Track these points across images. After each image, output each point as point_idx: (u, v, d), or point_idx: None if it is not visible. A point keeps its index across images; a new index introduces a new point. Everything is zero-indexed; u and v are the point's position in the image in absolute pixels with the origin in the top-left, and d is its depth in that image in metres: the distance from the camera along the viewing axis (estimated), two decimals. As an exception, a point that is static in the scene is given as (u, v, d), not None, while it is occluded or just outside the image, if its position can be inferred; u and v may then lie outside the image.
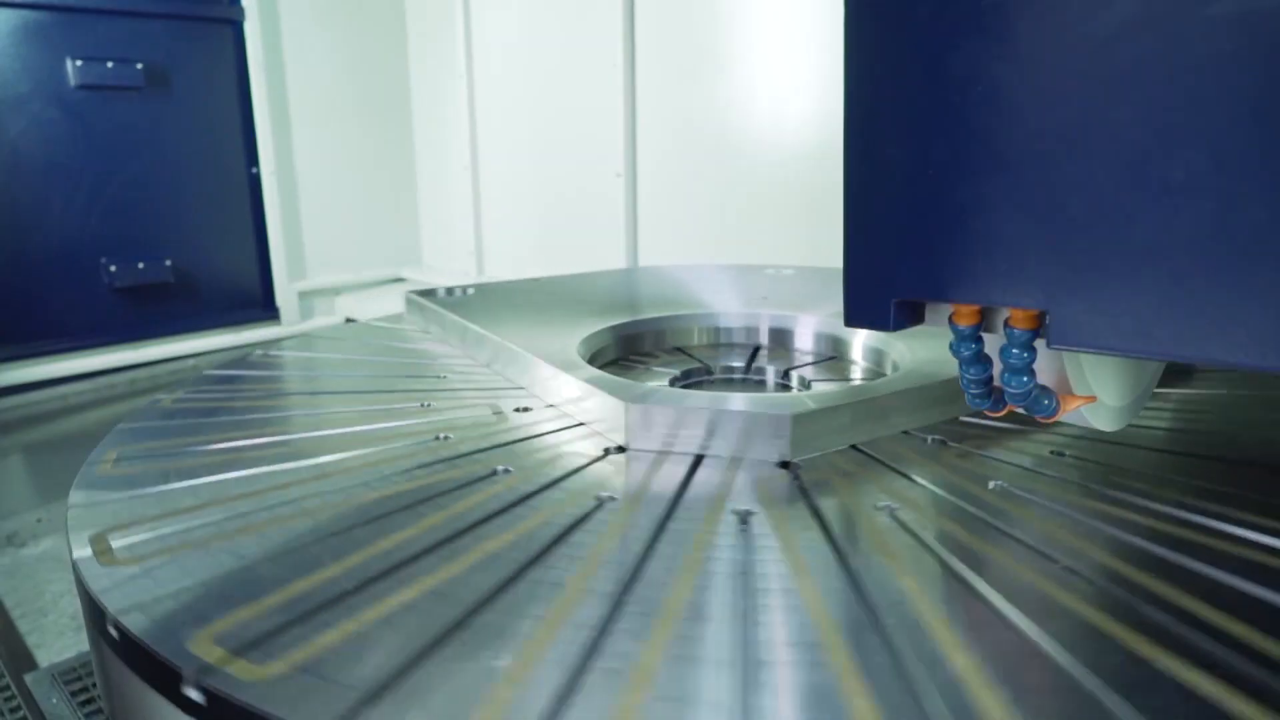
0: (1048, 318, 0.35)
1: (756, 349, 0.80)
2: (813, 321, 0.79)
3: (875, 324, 0.40)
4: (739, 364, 0.74)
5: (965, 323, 0.40)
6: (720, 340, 0.82)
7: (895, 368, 0.68)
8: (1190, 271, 0.31)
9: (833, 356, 0.77)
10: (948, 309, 0.40)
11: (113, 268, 2.19)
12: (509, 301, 0.88)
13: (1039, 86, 0.33)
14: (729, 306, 0.84)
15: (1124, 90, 0.31)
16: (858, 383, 0.69)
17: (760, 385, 0.72)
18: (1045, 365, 0.43)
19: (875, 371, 0.72)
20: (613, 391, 0.54)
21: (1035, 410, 0.42)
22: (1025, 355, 0.39)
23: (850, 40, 0.37)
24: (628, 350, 0.79)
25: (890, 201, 0.38)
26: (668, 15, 1.82)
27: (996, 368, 0.42)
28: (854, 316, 0.41)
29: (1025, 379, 0.40)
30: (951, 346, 0.41)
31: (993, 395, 0.43)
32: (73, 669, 0.77)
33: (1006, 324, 0.38)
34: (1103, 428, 0.47)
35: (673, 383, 0.70)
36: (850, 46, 0.37)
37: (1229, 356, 0.30)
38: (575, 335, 0.71)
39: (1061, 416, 0.43)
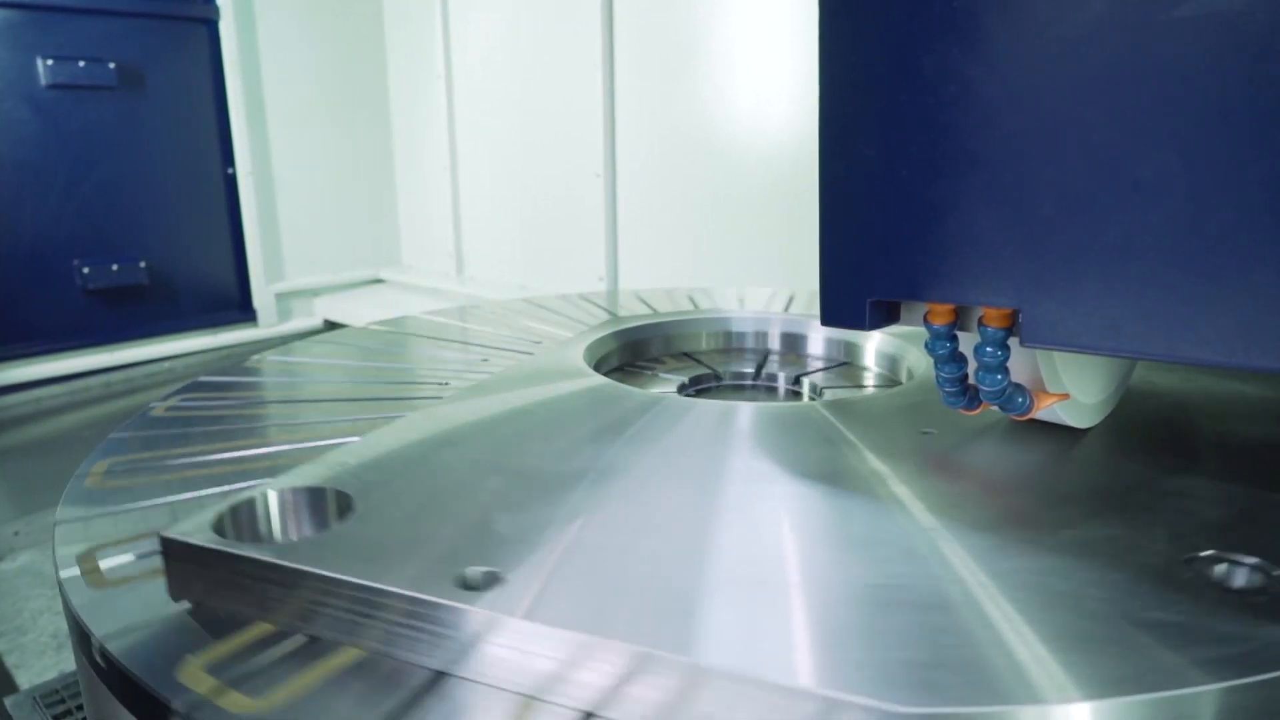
0: (1020, 316, 0.35)
1: (767, 354, 0.78)
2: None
3: (851, 323, 0.40)
4: (749, 369, 0.72)
5: (940, 322, 0.40)
6: (731, 345, 0.80)
7: (910, 375, 0.66)
8: (1159, 270, 0.31)
9: (845, 362, 0.75)
10: (923, 308, 0.40)
11: (86, 269, 2.16)
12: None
13: (1010, 87, 0.33)
14: (739, 310, 0.82)
15: (1094, 91, 0.31)
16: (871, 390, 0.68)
17: (771, 393, 0.71)
18: (1019, 363, 0.43)
19: (890, 378, 0.70)
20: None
21: (1009, 408, 0.42)
22: (999, 353, 0.39)
23: (824, 41, 0.37)
24: (635, 356, 0.76)
25: (865, 202, 0.38)
26: (647, 15, 1.82)
27: (972, 366, 0.42)
28: (830, 316, 0.41)
29: (999, 377, 0.40)
30: (926, 345, 0.42)
31: (968, 393, 0.43)
32: (55, 691, 0.76)
33: (980, 322, 0.38)
34: (1076, 425, 0.47)
35: (681, 390, 0.68)
36: (824, 47, 0.38)
37: (1198, 354, 0.31)
38: (581, 341, 0.70)
39: (1036, 414, 0.44)
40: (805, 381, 0.69)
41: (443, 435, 0.47)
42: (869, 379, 0.71)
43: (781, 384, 0.71)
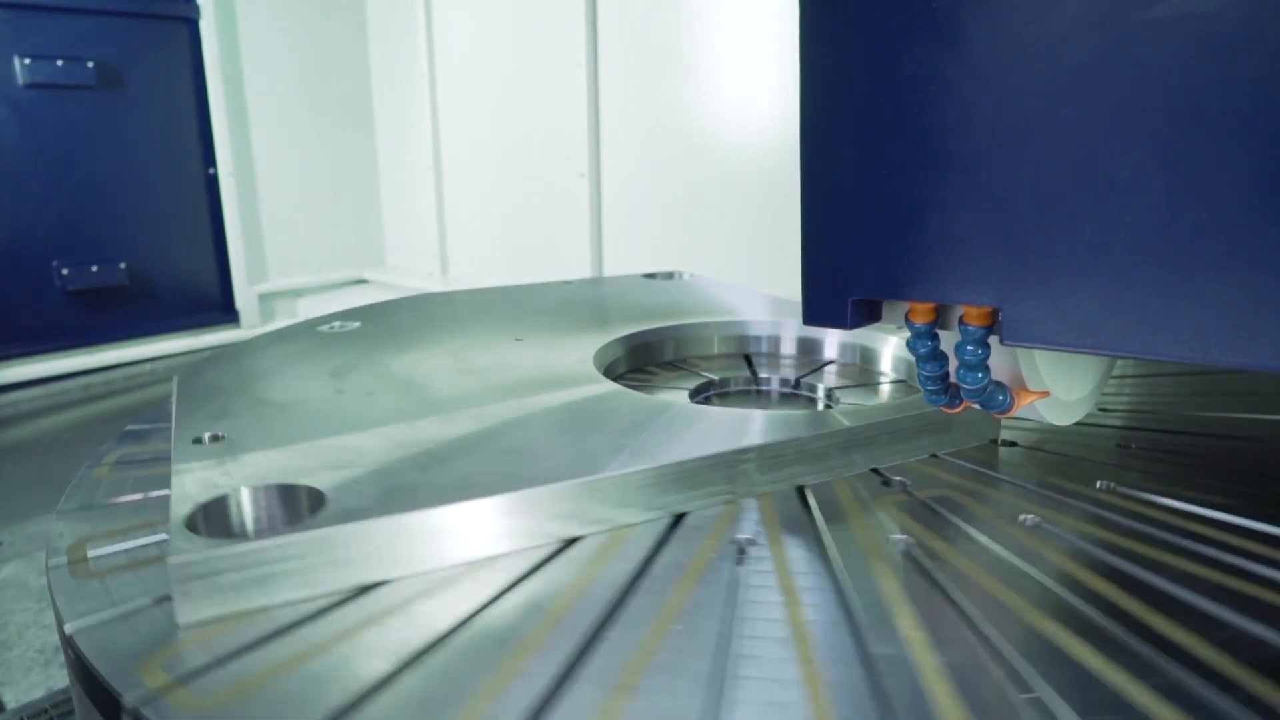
0: (1000, 315, 0.35)
1: (779, 359, 0.76)
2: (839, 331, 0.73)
3: (833, 322, 0.40)
4: (763, 374, 0.70)
5: (921, 320, 0.40)
6: (743, 349, 0.77)
7: None
8: (1136, 269, 0.31)
9: (858, 367, 0.73)
10: (904, 307, 0.40)
11: (65, 270, 2.14)
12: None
13: (989, 87, 0.33)
14: (752, 314, 0.79)
15: (1071, 91, 0.31)
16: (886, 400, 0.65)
17: (785, 399, 0.69)
18: (1000, 361, 0.43)
19: (906, 384, 0.68)
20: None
21: (990, 406, 0.43)
22: (980, 352, 0.39)
23: (805, 41, 0.38)
24: (644, 361, 0.73)
25: (846, 201, 0.38)
26: (630, 14, 1.82)
27: (953, 364, 0.42)
28: (812, 315, 0.41)
29: (980, 375, 0.40)
30: (908, 344, 0.42)
31: (949, 391, 0.44)
32: (44, 710, 0.73)
33: (961, 321, 0.39)
34: (1057, 422, 0.48)
35: (692, 396, 0.66)
36: (805, 47, 0.38)
37: (1175, 351, 0.31)
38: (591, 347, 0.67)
39: (1016, 412, 0.44)
40: (819, 387, 0.68)
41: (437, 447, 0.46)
42: (884, 383, 0.69)
43: (795, 389, 0.70)
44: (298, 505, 0.39)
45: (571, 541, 0.40)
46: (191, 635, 0.32)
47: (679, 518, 0.42)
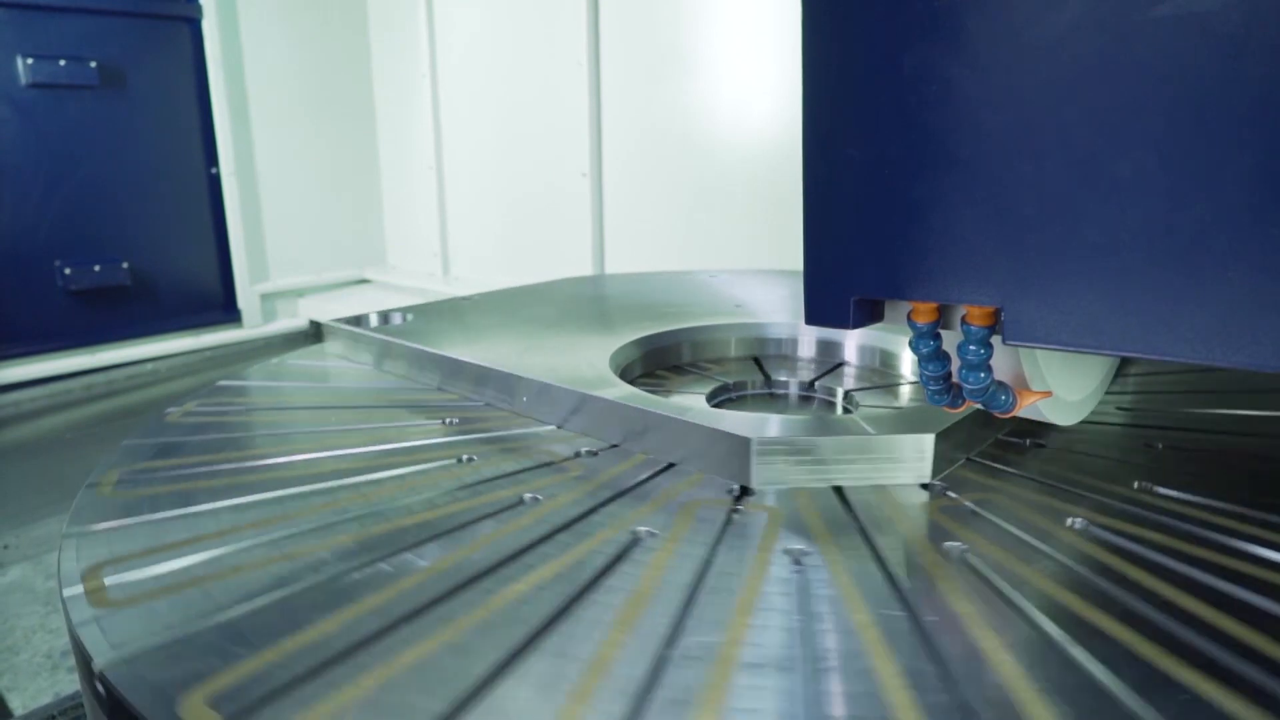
0: (1002, 314, 0.35)
1: (798, 363, 0.75)
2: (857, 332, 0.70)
3: (835, 322, 0.40)
4: (782, 378, 0.70)
5: (923, 320, 0.40)
6: (756, 352, 0.77)
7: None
8: (1137, 269, 0.31)
9: (875, 369, 0.72)
10: (906, 307, 0.40)
11: (67, 270, 2.14)
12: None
13: (990, 87, 0.33)
14: (768, 316, 0.78)
15: (1072, 90, 0.31)
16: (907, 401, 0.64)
17: (805, 401, 0.68)
18: (1002, 361, 0.43)
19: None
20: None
21: (993, 406, 0.43)
22: (982, 352, 0.39)
23: (807, 41, 0.38)
24: (659, 364, 0.73)
25: (848, 201, 0.38)
26: (632, 14, 1.82)
27: (955, 364, 0.42)
28: (813, 315, 0.41)
29: (982, 375, 0.40)
30: (910, 343, 0.42)
31: (951, 391, 0.44)
32: (51, 717, 0.73)
33: (963, 321, 0.39)
34: (1059, 422, 0.48)
35: (710, 399, 0.65)
36: (807, 47, 0.38)
37: (1175, 351, 0.31)
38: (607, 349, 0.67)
39: (1018, 412, 0.44)
40: (838, 391, 0.67)
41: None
42: (904, 387, 0.68)
43: (815, 393, 0.68)
44: (389, 322, 0.79)
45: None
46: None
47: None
